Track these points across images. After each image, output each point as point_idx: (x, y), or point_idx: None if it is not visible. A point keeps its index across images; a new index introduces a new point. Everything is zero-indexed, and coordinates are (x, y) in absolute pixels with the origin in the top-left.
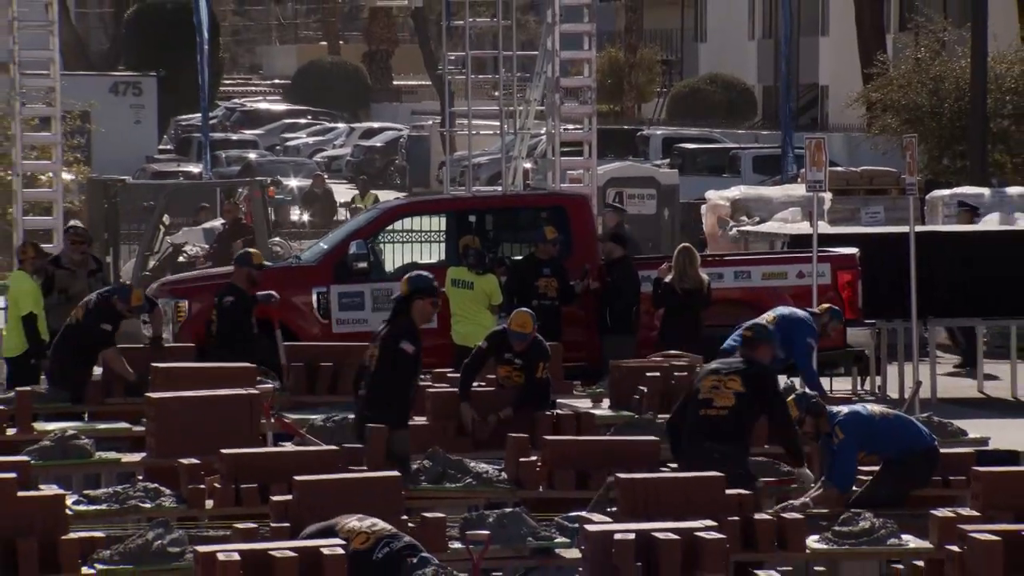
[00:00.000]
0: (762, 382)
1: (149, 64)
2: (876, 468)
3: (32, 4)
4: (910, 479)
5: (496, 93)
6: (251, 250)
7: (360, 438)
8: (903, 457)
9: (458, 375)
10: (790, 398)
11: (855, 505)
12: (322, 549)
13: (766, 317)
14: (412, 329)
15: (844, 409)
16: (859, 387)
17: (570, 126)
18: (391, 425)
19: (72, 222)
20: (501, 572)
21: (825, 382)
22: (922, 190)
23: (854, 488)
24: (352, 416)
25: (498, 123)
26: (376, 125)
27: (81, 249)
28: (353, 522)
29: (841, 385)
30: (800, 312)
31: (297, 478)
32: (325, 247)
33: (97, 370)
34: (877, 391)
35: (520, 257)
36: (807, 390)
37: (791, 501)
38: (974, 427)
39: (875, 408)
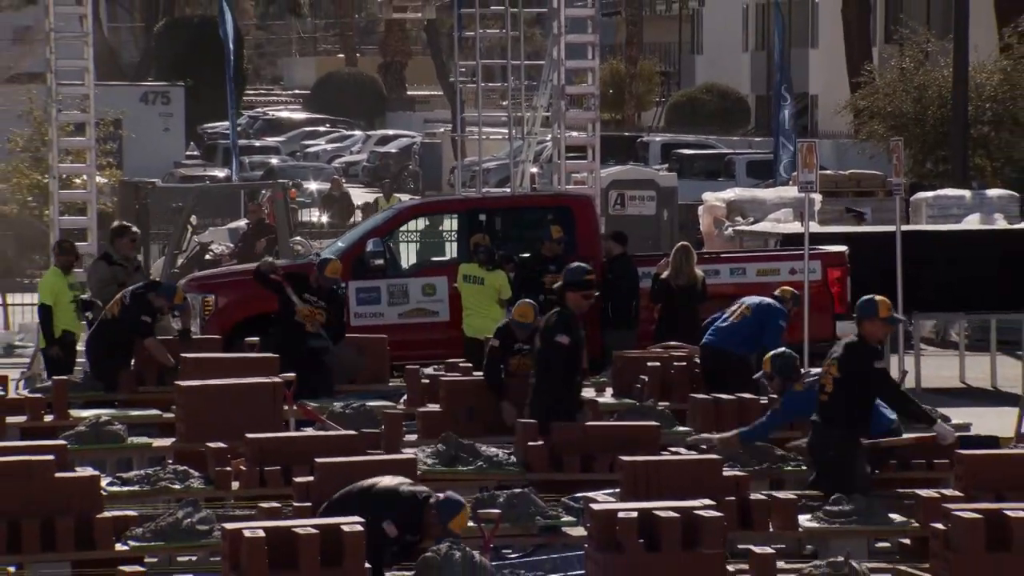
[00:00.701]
0: (853, 364)
1: (177, 75)
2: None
3: (67, 17)
4: (876, 458)
5: (504, 102)
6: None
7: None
8: (877, 436)
9: (469, 365)
10: (767, 355)
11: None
12: (342, 526)
13: (741, 307)
14: (567, 321)
15: (809, 381)
16: None
17: (574, 133)
18: (558, 415)
19: (116, 222)
20: (511, 549)
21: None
22: (907, 192)
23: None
24: (368, 404)
25: (506, 130)
26: (391, 132)
27: (137, 248)
28: (373, 478)
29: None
30: (768, 299)
31: (318, 460)
32: (343, 245)
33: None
34: None
35: (527, 255)
36: (784, 351)
37: (701, 435)
38: (956, 414)
39: None
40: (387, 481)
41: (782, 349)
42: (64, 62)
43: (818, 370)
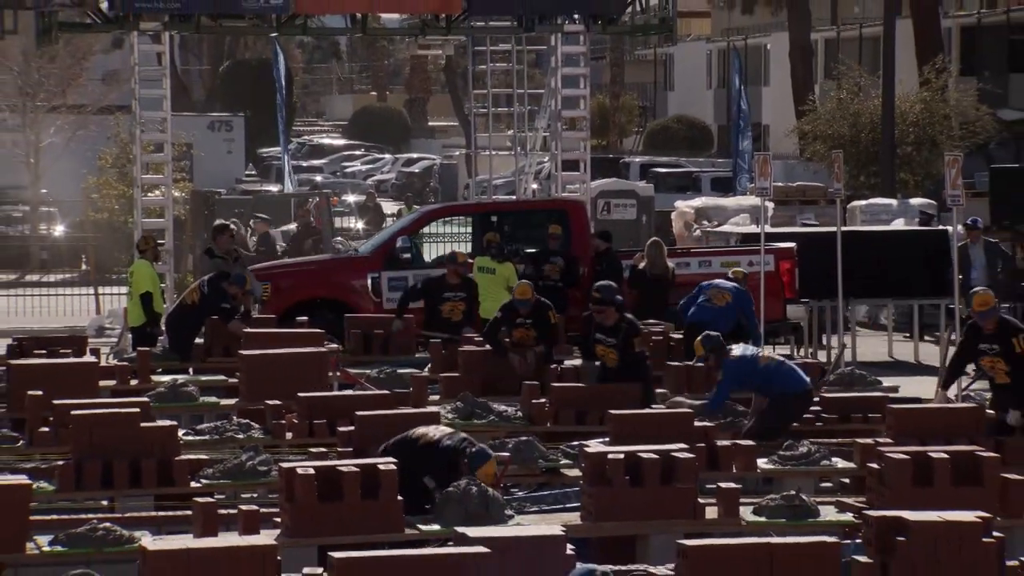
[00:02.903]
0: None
1: (238, 107)
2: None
3: (148, 55)
4: (788, 414)
5: (510, 131)
6: None
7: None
8: (783, 397)
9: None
10: (697, 339)
11: (747, 436)
12: (378, 465)
13: (720, 292)
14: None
15: (736, 352)
16: (796, 352)
17: (567, 155)
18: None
19: (217, 221)
20: (518, 487)
21: (768, 349)
22: (844, 201)
23: (745, 421)
24: (398, 370)
25: (511, 153)
26: (415, 156)
27: (234, 243)
28: (424, 428)
29: (781, 350)
30: (735, 284)
31: (358, 414)
32: (377, 241)
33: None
34: (809, 355)
35: (532, 250)
36: (710, 333)
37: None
38: (887, 382)
39: (763, 355)
40: (432, 434)
41: (707, 333)
42: (145, 91)
43: (741, 345)
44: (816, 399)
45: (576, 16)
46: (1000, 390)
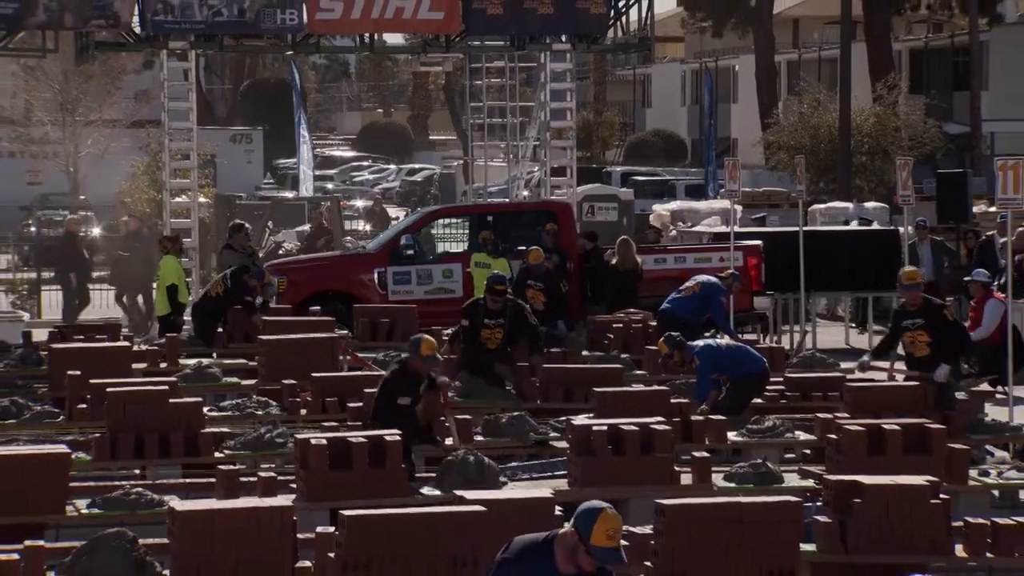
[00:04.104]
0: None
1: (257, 122)
2: None
3: (175, 71)
4: (749, 391)
5: (503, 144)
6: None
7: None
8: (743, 377)
9: None
10: (661, 340)
11: (715, 411)
12: (385, 437)
13: (693, 283)
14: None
15: (700, 343)
16: (762, 339)
17: (555, 163)
18: None
19: (234, 221)
20: (512, 458)
21: (699, 342)
22: (805, 205)
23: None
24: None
25: (504, 163)
26: (417, 166)
27: (249, 240)
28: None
29: (748, 338)
30: (713, 278)
31: (366, 391)
32: (383, 239)
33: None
34: (774, 342)
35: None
36: (673, 333)
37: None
38: (843, 366)
39: (723, 341)
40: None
41: (668, 334)
42: (174, 104)
43: (702, 341)
44: (781, 379)
45: (563, 36)
46: (918, 363)
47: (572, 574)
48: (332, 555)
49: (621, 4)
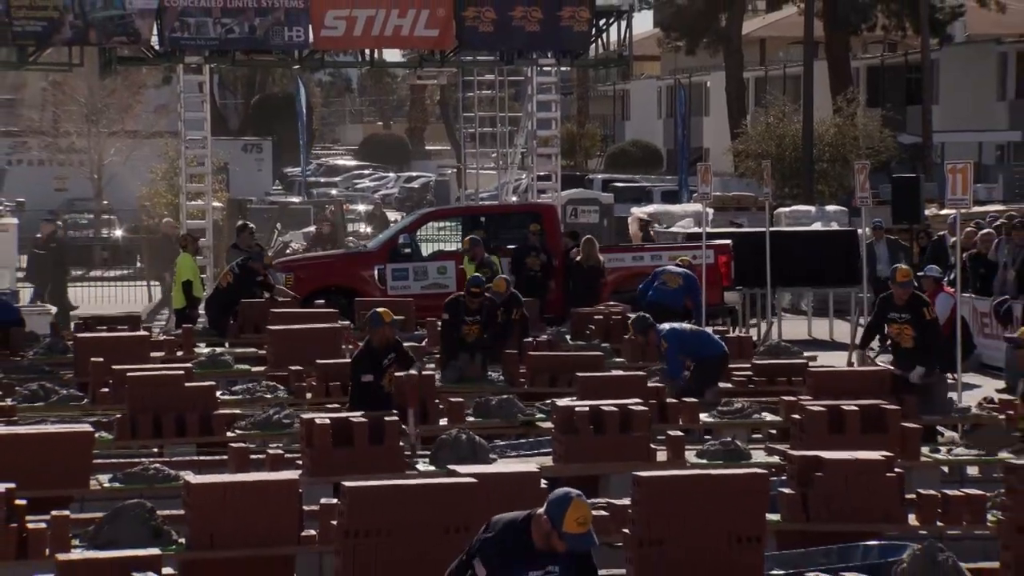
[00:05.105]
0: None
1: (266, 133)
2: None
3: (191, 84)
4: (712, 373)
5: (493, 153)
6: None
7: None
8: (706, 359)
9: None
10: (630, 321)
11: (682, 394)
12: (384, 417)
13: (673, 276)
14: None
15: (666, 327)
16: (732, 330)
17: (541, 169)
18: None
19: (240, 221)
20: (502, 437)
21: (709, 328)
22: (771, 208)
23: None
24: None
25: (495, 171)
26: (414, 174)
27: (254, 238)
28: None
29: (719, 329)
30: (686, 271)
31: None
32: (382, 239)
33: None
34: (743, 332)
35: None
36: (642, 314)
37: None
38: (806, 354)
39: (686, 326)
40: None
41: (639, 314)
42: (190, 114)
43: (668, 325)
44: (749, 366)
45: (548, 52)
46: (905, 353)
47: (548, 551)
48: (334, 523)
49: (602, 23)
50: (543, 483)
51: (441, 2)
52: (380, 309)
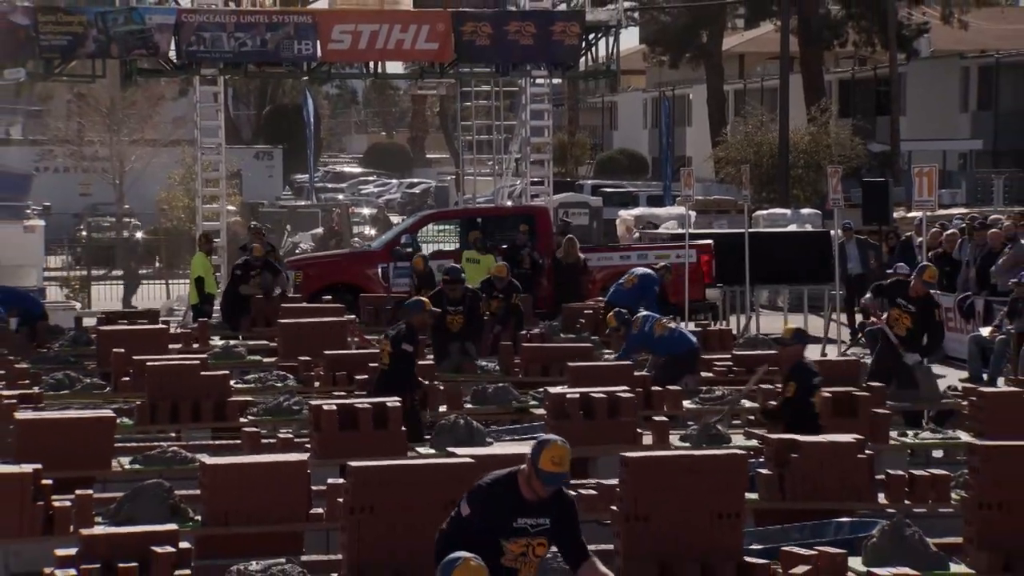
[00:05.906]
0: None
1: (277, 142)
2: None
3: (206, 95)
4: (684, 367)
5: (490, 160)
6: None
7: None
8: (678, 355)
9: None
10: (610, 314)
11: (655, 383)
12: (387, 403)
13: (631, 276)
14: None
15: (644, 315)
16: (713, 324)
17: (534, 176)
18: None
19: (252, 224)
20: (498, 422)
21: (691, 325)
22: (750, 211)
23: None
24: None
25: (491, 176)
26: (416, 180)
27: (264, 241)
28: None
29: (702, 323)
30: (650, 270)
31: (372, 365)
32: (385, 239)
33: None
34: (723, 326)
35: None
36: (621, 309)
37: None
38: None
39: (659, 325)
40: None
41: (617, 310)
42: (205, 123)
43: (645, 313)
44: (729, 357)
45: (541, 64)
46: (896, 339)
47: (533, 499)
48: (340, 501)
49: (591, 37)
50: None
51: (440, 17)
52: (421, 299)
